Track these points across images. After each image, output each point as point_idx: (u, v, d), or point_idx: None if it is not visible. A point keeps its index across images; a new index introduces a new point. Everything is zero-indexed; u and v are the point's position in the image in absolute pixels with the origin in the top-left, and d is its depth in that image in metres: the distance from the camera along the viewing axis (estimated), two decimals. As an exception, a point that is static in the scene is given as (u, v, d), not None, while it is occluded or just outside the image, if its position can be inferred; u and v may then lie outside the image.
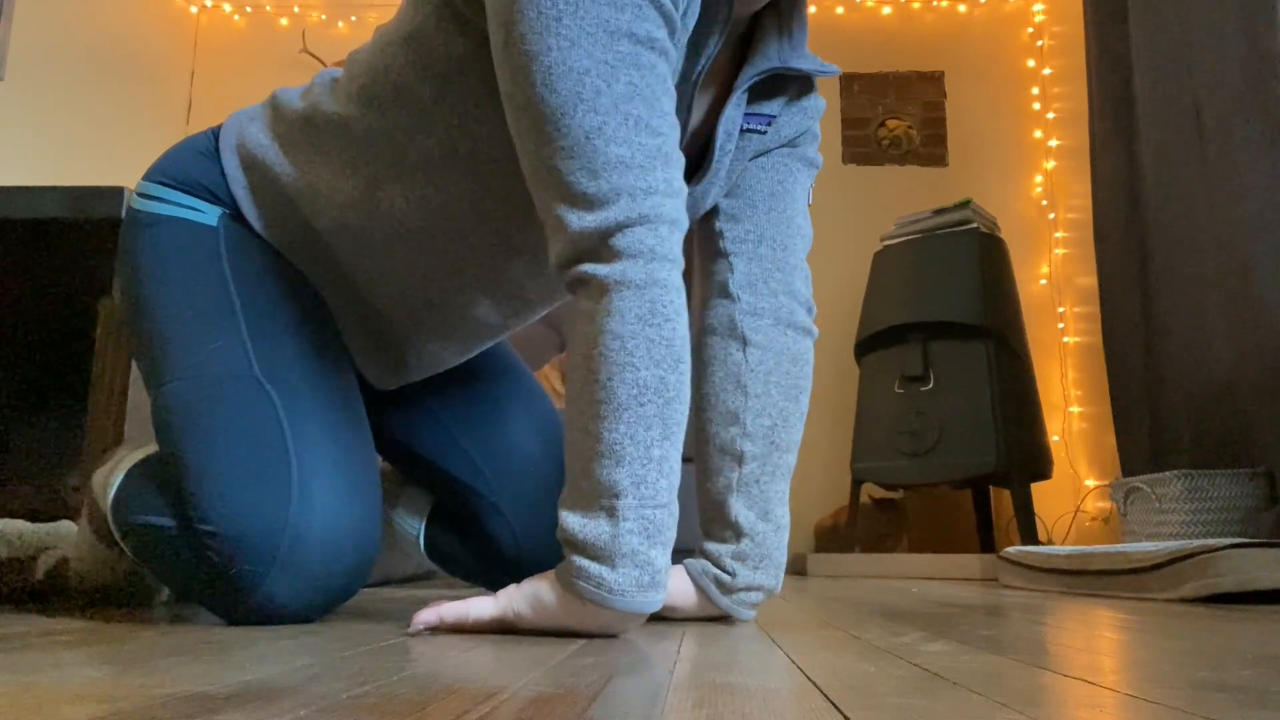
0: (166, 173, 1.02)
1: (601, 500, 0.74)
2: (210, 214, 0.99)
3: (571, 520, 0.75)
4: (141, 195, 1.03)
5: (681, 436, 0.78)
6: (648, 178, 0.75)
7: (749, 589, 0.95)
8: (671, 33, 0.79)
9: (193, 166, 1.02)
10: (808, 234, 1.03)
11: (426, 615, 0.79)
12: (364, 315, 1.03)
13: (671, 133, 0.78)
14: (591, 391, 0.75)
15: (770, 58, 0.93)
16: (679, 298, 0.77)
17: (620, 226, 0.74)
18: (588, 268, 0.75)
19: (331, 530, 0.87)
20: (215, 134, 1.04)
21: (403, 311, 1.02)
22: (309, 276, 1.01)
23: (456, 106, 0.88)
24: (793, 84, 0.99)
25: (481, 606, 0.79)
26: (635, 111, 0.75)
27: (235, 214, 0.99)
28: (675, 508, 0.77)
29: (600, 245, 0.75)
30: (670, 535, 0.77)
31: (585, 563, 0.74)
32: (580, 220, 0.74)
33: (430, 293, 1.01)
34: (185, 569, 0.88)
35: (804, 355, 1.01)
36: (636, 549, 0.74)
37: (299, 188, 0.97)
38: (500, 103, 0.86)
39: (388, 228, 0.95)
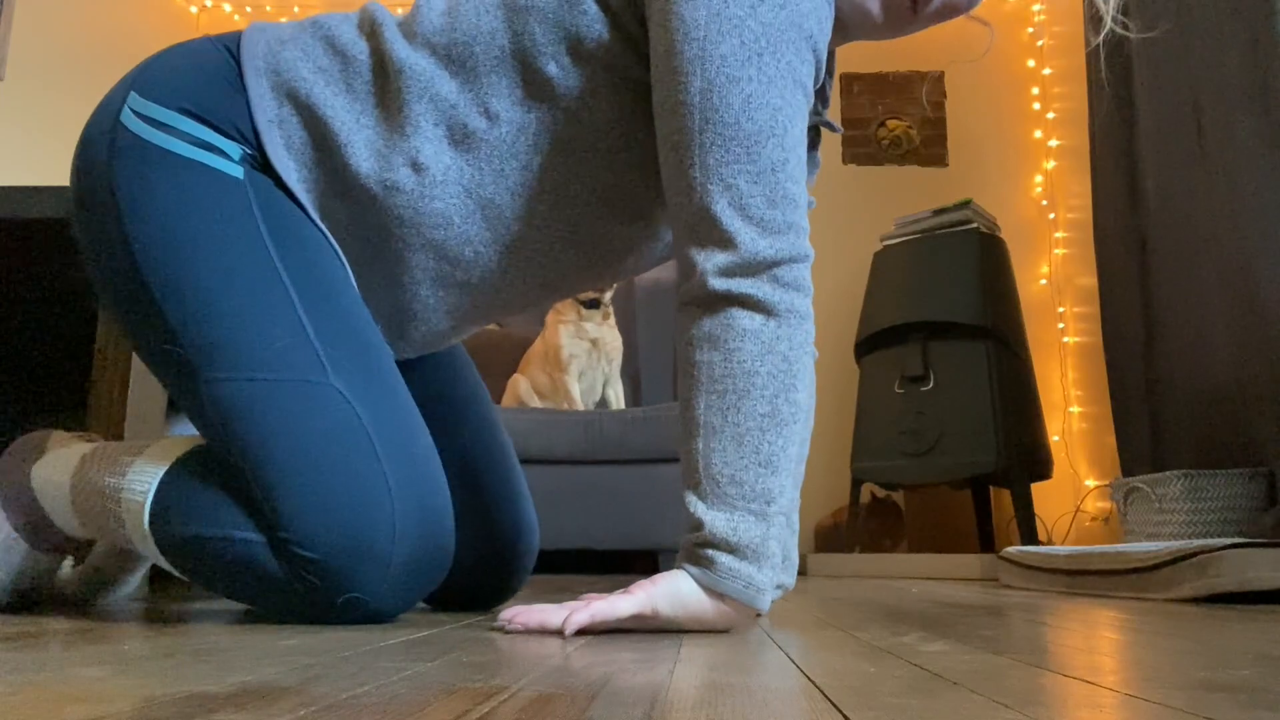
0: (183, 96, 0.91)
1: (752, 504, 0.79)
2: (233, 156, 0.91)
3: (720, 520, 0.78)
4: (146, 119, 0.90)
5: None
6: (804, 219, 0.83)
7: (775, 586, 1.01)
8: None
9: (212, 92, 0.91)
10: None
11: (579, 618, 0.77)
12: (379, 282, 0.98)
13: None
14: (754, 404, 0.79)
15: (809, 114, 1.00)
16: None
17: (791, 259, 0.81)
18: (754, 289, 0.80)
19: (429, 538, 0.87)
20: (230, 52, 0.94)
21: (431, 284, 0.98)
22: (328, 230, 0.95)
23: (574, 91, 0.90)
24: (810, 134, 1.05)
25: (622, 604, 0.79)
26: (802, 156, 0.83)
27: (257, 159, 0.92)
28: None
29: (766, 269, 0.80)
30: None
31: (735, 563, 0.78)
32: (754, 242, 0.80)
33: (471, 272, 0.97)
34: (265, 584, 0.85)
35: (812, 383, 1.08)
36: (774, 552, 0.80)
37: (348, 137, 0.91)
38: (618, 98, 0.89)
39: (446, 196, 0.92)
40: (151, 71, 0.93)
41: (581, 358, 2.79)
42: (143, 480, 0.90)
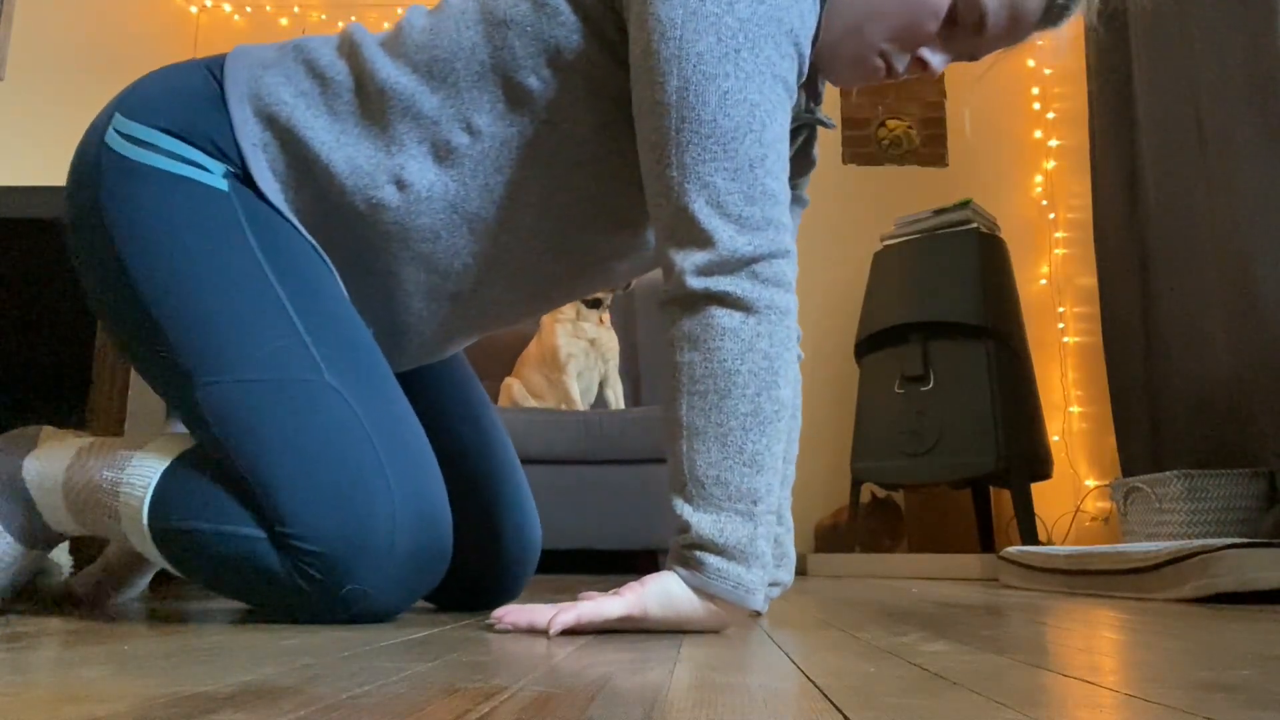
0: (165, 117, 0.92)
1: (738, 505, 0.78)
2: (216, 172, 0.92)
3: (706, 522, 0.78)
4: (130, 139, 0.92)
5: None
6: (785, 215, 0.82)
7: (772, 584, 1.01)
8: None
9: (195, 113, 0.93)
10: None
11: (565, 618, 0.78)
12: (372, 297, 0.98)
13: None
14: (736, 403, 0.79)
15: (800, 112, 0.99)
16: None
17: (770, 255, 0.80)
18: (733, 286, 0.79)
19: (429, 531, 0.88)
20: (214, 75, 0.95)
21: (422, 297, 0.99)
22: (319, 247, 0.96)
23: (555, 103, 0.90)
24: (802, 132, 1.04)
25: (611, 605, 0.79)
26: (782, 152, 0.82)
27: (241, 175, 0.93)
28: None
29: (745, 266, 0.80)
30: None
31: (724, 564, 0.78)
32: (732, 240, 0.79)
33: (462, 283, 0.98)
34: (266, 581, 0.85)
35: (797, 379, 1.08)
36: (763, 551, 0.79)
37: (329, 157, 0.92)
38: (599, 108, 0.89)
39: (432, 211, 0.93)
40: (136, 93, 0.95)
41: (580, 357, 2.79)
42: (143, 475, 0.90)
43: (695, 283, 0.80)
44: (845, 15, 0.91)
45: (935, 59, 0.94)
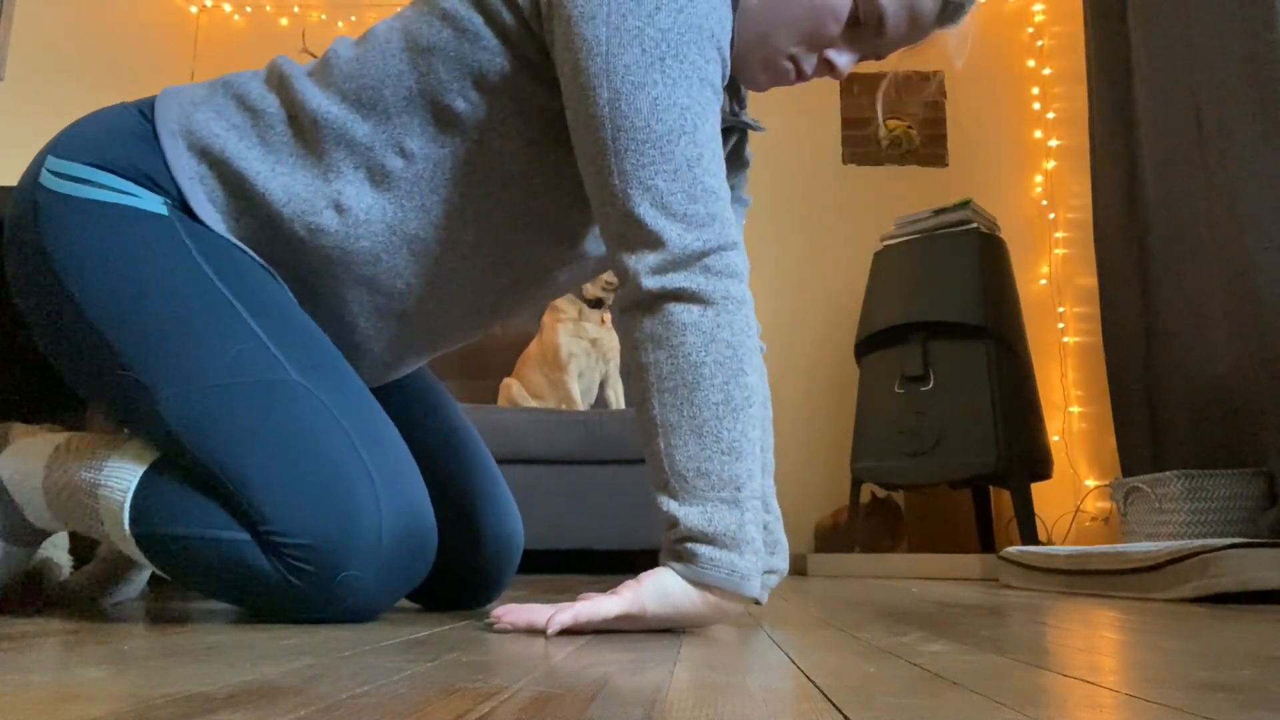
0: (98, 154, 0.93)
1: (723, 493, 0.79)
2: (152, 202, 0.92)
3: (693, 514, 0.79)
4: (64, 177, 0.93)
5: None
6: (727, 210, 0.84)
7: (768, 573, 1.01)
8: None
9: (128, 149, 0.94)
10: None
11: (563, 618, 0.78)
12: (321, 318, 1.00)
13: None
14: (706, 394, 0.80)
15: (724, 115, 1.01)
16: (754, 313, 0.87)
17: (720, 249, 0.82)
18: (688, 281, 0.81)
19: (413, 518, 0.88)
20: (145, 115, 0.97)
21: (369, 317, 1.00)
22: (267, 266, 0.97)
23: (484, 123, 0.92)
24: (733, 135, 1.07)
25: (608, 604, 0.79)
26: (716, 151, 0.85)
27: (179, 206, 0.94)
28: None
29: (696, 261, 0.82)
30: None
31: (716, 553, 0.78)
32: (681, 237, 0.81)
33: (407, 302, 1.00)
34: (254, 583, 0.85)
35: (761, 368, 1.09)
36: (753, 537, 0.80)
37: (265, 185, 0.93)
38: (528, 126, 0.91)
39: (372, 235, 0.95)
40: (67, 135, 0.96)
41: (581, 357, 2.79)
42: (121, 479, 0.89)
43: (651, 283, 0.82)
44: (753, 22, 0.94)
45: (841, 59, 0.97)
